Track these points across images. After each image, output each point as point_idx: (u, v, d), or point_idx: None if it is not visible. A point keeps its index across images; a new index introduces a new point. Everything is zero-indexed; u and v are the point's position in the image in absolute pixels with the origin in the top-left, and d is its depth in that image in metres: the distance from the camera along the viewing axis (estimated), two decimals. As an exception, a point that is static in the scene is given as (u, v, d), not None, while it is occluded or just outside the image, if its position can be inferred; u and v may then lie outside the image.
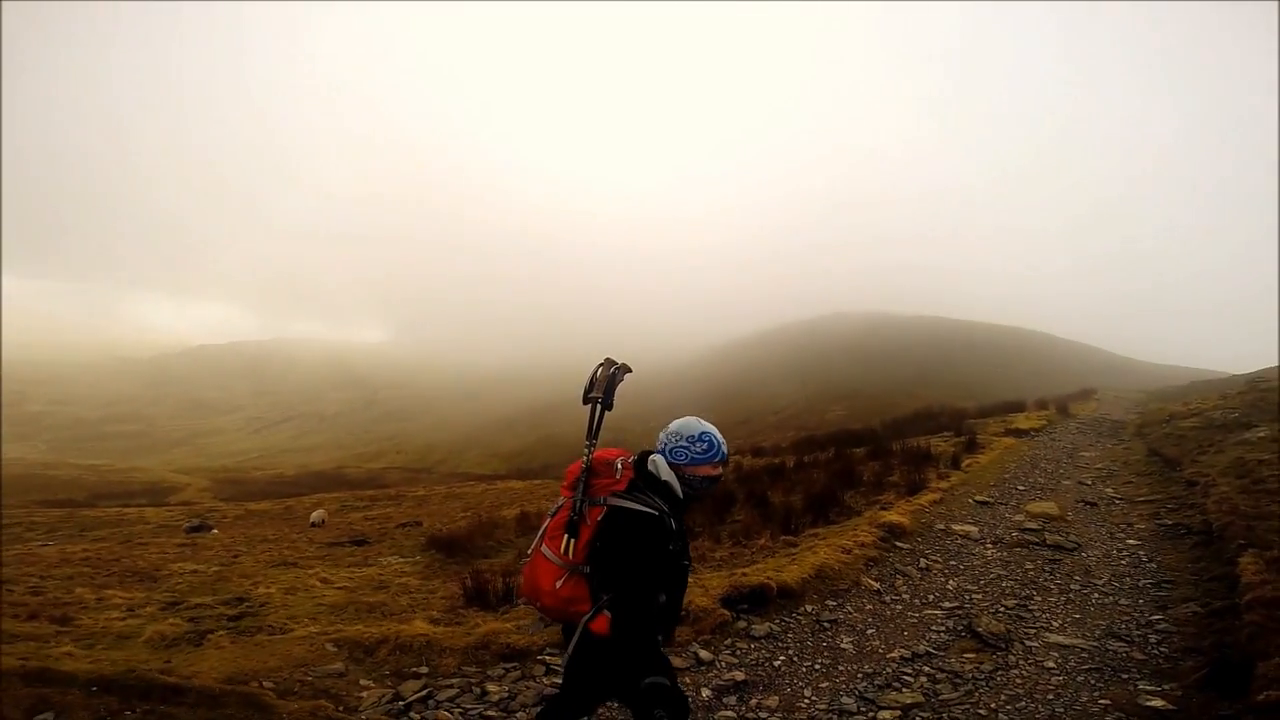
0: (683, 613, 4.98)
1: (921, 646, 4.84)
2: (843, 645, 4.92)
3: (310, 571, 10.04)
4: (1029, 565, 6.79)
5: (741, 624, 5.13)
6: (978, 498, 9.82)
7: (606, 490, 2.35)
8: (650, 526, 2.30)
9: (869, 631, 5.18)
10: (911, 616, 5.49)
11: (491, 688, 4.03)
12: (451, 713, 3.74)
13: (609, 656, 2.26)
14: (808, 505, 10.96)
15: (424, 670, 4.35)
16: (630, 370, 2.56)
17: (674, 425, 2.51)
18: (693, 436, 2.45)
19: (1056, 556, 7.03)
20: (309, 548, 13.20)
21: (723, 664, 4.57)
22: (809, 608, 5.55)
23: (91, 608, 7.26)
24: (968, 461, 12.86)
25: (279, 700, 3.59)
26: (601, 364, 2.54)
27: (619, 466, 2.40)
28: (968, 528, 8.20)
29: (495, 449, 58.68)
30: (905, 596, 5.96)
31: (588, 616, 2.29)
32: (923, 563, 6.93)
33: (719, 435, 2.48)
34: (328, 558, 11.85)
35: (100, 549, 13.36)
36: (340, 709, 3.68)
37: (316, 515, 18.60)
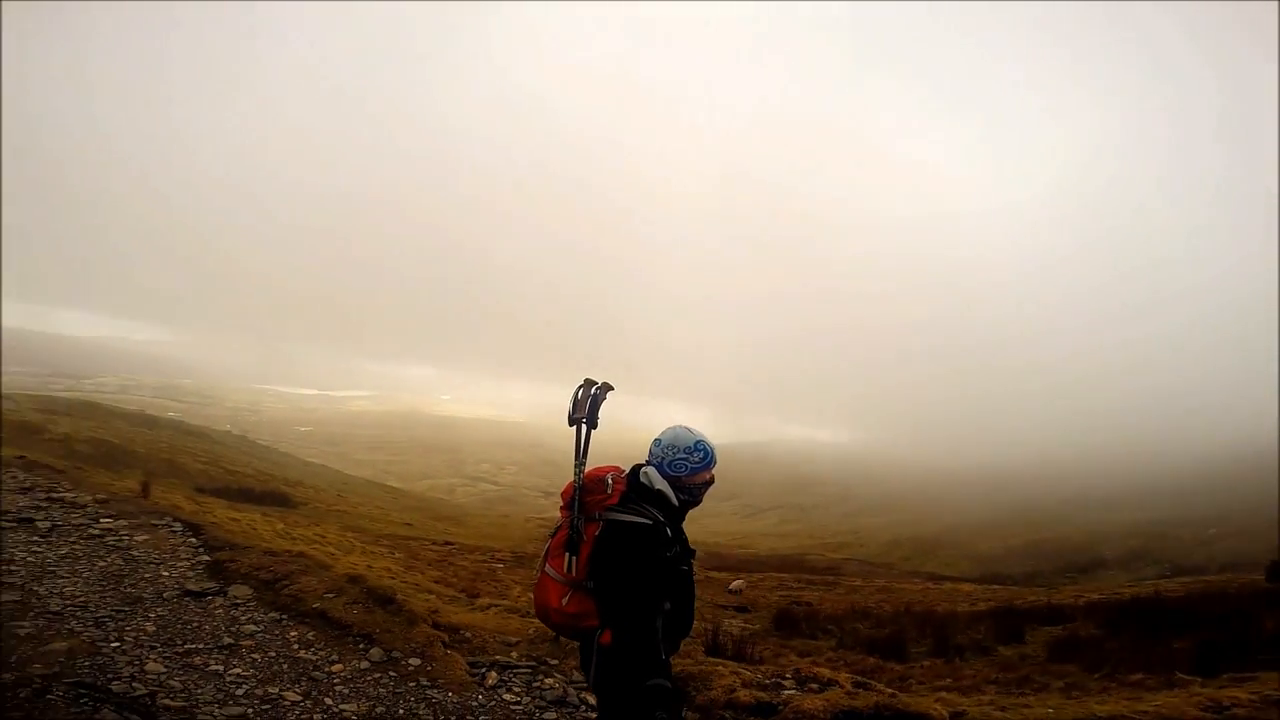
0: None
1: None
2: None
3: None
4: None
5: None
6: None
7: (600, 506, 2.44)
8: (645, 536, 2.37)
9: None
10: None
11: (549, 681, 4.34)
12: (502, 677, 4.25)
13: (618, 663, 2.32)
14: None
15: (553, 662, 4.90)
16: (612, 388, 2.61)
17: (665, 439, 2.56)
18: (689, 447, 2.53)
19: None
20: (698, 605, 14.87)
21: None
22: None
23: (504, 595, 10.31)
24: None
25: (427, 627, 4.88)
26: (581, 385, 2.61)
27: (610, 482, 2.48)
28: None
29: (968, 550, 51.10)
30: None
31: (599, 631, 2.36)
32: None
33: (709, 440, 2.58)
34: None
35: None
36: (450, 644, 4.69)
37: (736, 584, 20.52)
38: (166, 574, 5.89)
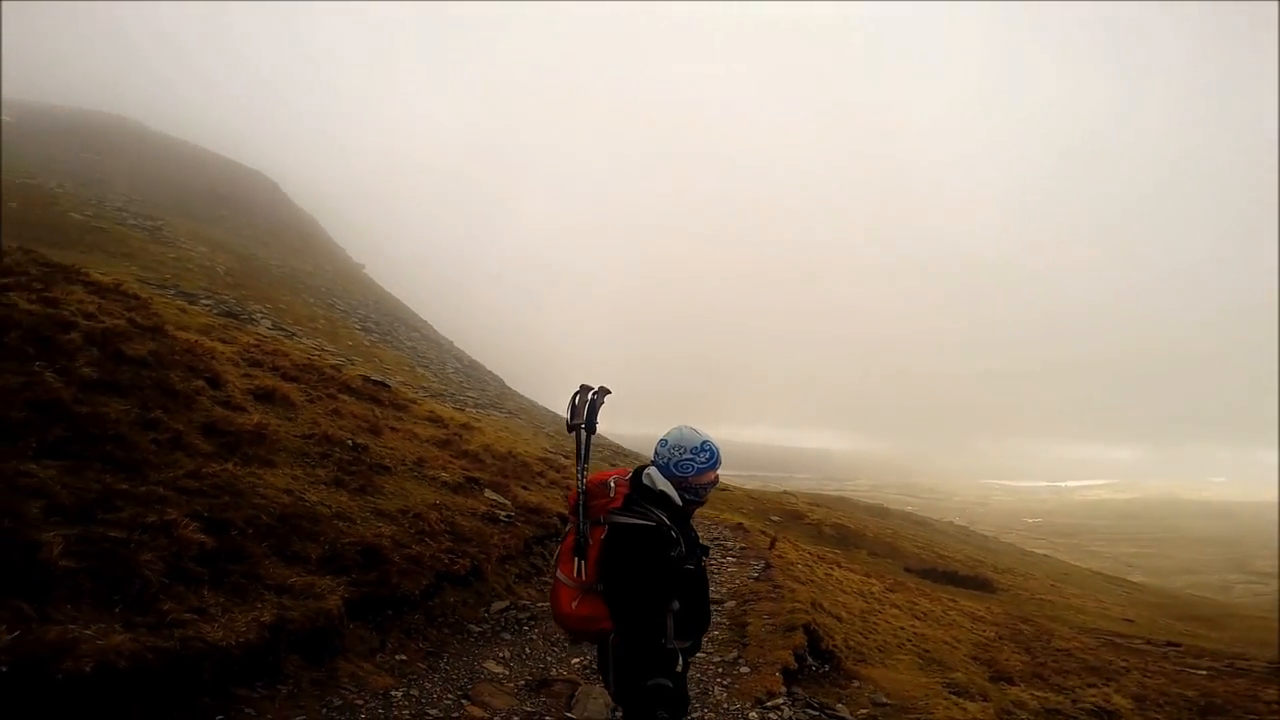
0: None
1: None
2: None
3: None
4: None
5: None
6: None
7: (604, 510, 2.46)
8: (649, 537, 2.39)
9: None
10: None
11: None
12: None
13: (623, 663, 2.37)
14: None
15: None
16: (609, 392, 2.68)
17: (671, 439, 2.59)
18: (695, 448, 2.55)
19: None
20: None
21: None
22: None
23: (1054, 687, 8.20)
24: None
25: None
26: (578, 391, 2.65)
27: (613, 485, 2.52)
28: None
29: None
30: None
31: (613, 634, 2.39)
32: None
33: (714, 441, 2.63)
34: None
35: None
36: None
37: None
38: (713, 587, 8.61)
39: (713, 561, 10.70)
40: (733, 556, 11.41)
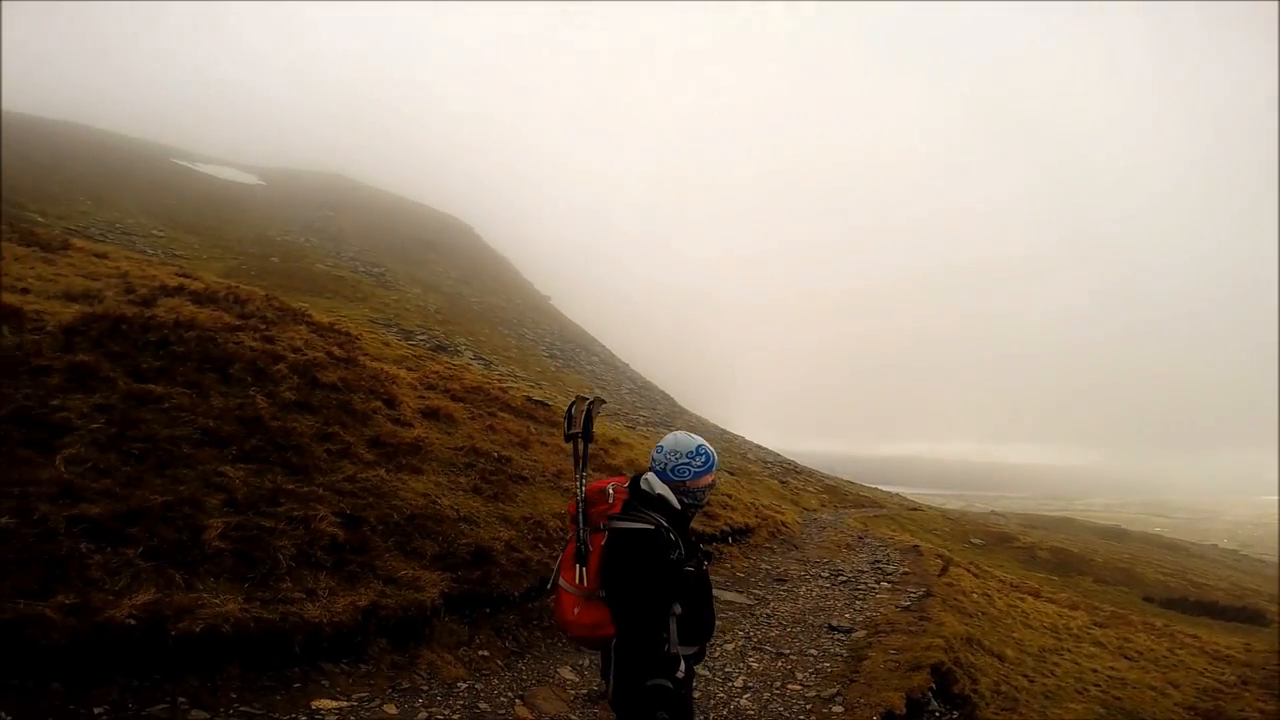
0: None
1: None
2: None
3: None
4: None
5: None
6: None
7: (603, 516, 2.49)
8: (648, 540, 2.40)
9: None
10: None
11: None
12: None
13: (622, 665, 2.35)
14: None
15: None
16: (605, 402, 2.84)
17: (667, 444, 2.61)
18: (691, 452, 2.57)
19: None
20: None
21: None
22: None
23: None
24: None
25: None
26: (574, 402, 2.75)
27: (611, 492, 2.54)
28: None
29: None
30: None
31: (616, 640, 2.38)
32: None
33: (709, 444, 2.66)
34: None
35: None
36: None
37: None
38: (849, 614, 7.93)
39: (861, 587, 9.86)
40: (888, 582, 10.40)
